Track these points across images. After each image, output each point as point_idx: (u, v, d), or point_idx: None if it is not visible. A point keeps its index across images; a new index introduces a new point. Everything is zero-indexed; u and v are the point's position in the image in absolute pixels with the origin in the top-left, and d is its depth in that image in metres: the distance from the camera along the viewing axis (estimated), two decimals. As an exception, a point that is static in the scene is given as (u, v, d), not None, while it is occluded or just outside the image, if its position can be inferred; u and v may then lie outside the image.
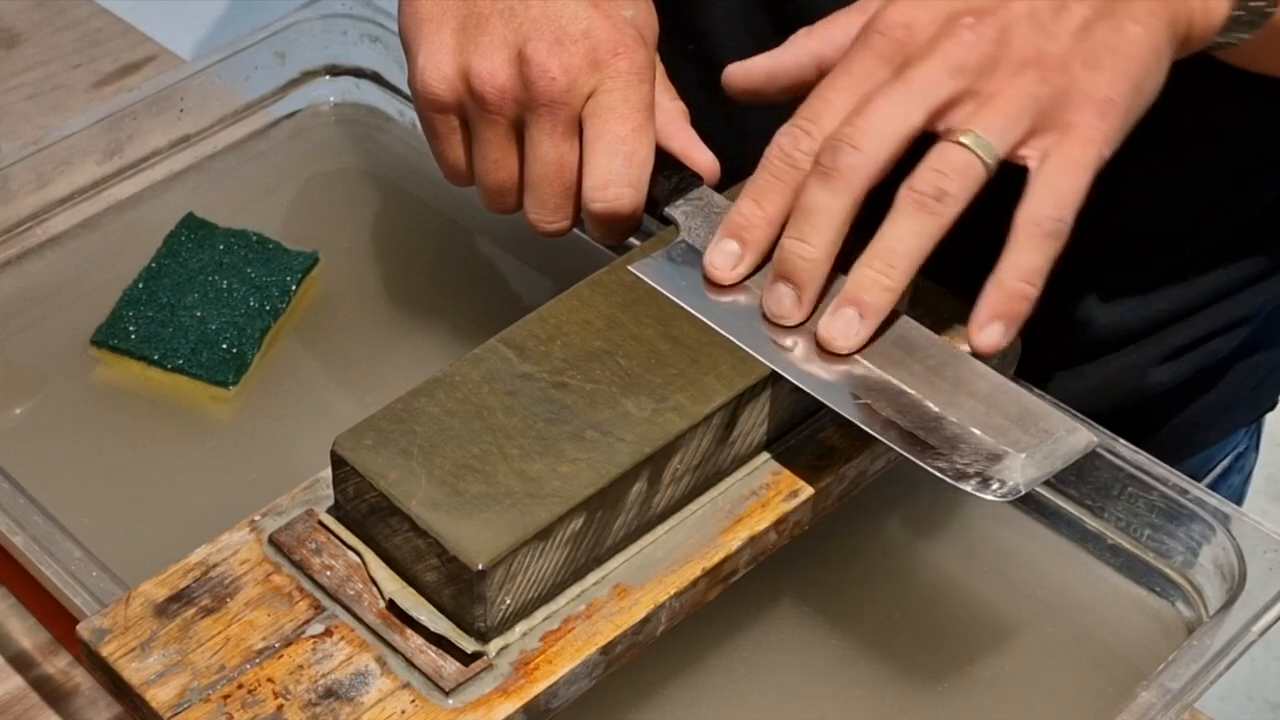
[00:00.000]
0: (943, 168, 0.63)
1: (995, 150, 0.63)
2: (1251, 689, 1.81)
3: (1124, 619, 0.76)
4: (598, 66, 0.70)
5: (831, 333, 0.66)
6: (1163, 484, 0.74)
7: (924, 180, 0.63)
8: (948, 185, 0.63)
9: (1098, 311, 0.85)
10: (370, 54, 0.97)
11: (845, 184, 0.64)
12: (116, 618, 0.63)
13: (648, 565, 0.65)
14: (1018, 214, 0.64)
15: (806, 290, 0.66)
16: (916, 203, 0.63)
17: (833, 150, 0.64)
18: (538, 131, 0.71)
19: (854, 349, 0.66)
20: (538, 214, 0.73)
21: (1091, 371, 0.87)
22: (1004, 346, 0.65)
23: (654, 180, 0.73)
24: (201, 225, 0.89)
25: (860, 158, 0.64)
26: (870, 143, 0.64)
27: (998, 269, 0.64)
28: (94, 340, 0.84)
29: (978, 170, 0.63)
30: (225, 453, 0.81)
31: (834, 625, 0.75)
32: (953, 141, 0.64)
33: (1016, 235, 0.64)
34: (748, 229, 0.67)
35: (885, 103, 0.64)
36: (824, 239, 0.65)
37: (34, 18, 1.11)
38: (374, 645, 0.62)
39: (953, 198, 0.63)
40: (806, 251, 0.65)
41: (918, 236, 0.64)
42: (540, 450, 0.63)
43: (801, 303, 0.66)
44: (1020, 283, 0.64)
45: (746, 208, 0.67)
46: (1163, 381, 0.88)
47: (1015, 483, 0.62)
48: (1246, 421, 0.97)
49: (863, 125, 0.64)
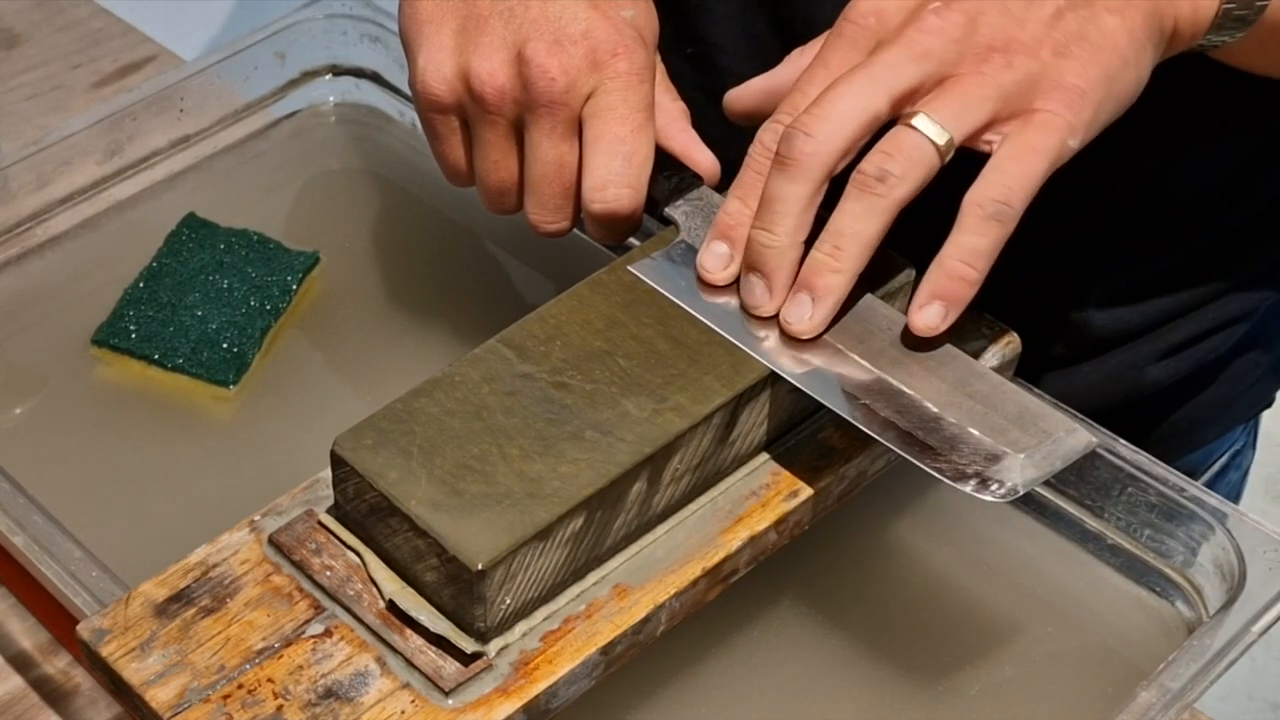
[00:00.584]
0: (889, 149, 0.64)
1: (949, 133, 0.64)
2: (1251, 689, 1.81)
3: (1124, 619, 0.76)
4: (597, 67, 0.70)
5: (788, 317, 0.66)
6: (1162, 484, 0.74)
7: (869, 162, 0.64)
8: (891, 166, 0.63)
9: (1096, 309, 0.85)
10: (370, 54, 0.97)
11: (801, 171, 0.64)
12: (116, 618, 0.63)
13: (648, 565, 0.65)
14: (965, 196, 0.64)
15: (775, 279, 0.67)
16: (860, 184, 0.64)
17: (788, 138, 0.65)
18: (537, 132, 0.71)
19: (811, 333, 0.66)
20: (538, 214, 0.73)
21: (1090, 369, 0.87)
22: (942, 328, 0.65)
23: (654, 180, 0.73)
24: (203, 225, 0.89)
25: (814, 144, 0.64)
26: (824, 129, 0.64)
27: (941, 250, 0.64)
28: (95, 340, 0.84)
29: (926, 152, 0.64)
30: (225, 452, 0.81)
31: (834, 625, 0.75)
32: (904, 124, 0.64)
33: (961, 217, 0.64)
34: (735, 228, 0.68)
35: (845, 89, 0.64)
36: (786, 227, 0.65)
37: (34, 18, 1.11)
38: (374, 645, 0.62)
39: (897, 179, 0.63)
40: (770, 240, 0.66)
41: (863, 218, 0.64)
42: (540, 450, 0.63)
43: (772, 292, 0.67)
44: (960, 264, 0.64)
45: (733, 207, 0.68)
46: (1161, 379, 0.88)
47: (1014, 483, 0.62)
48: (1244, 419, 0.98)
49: (818, 113, 0.64)
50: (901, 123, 0.64)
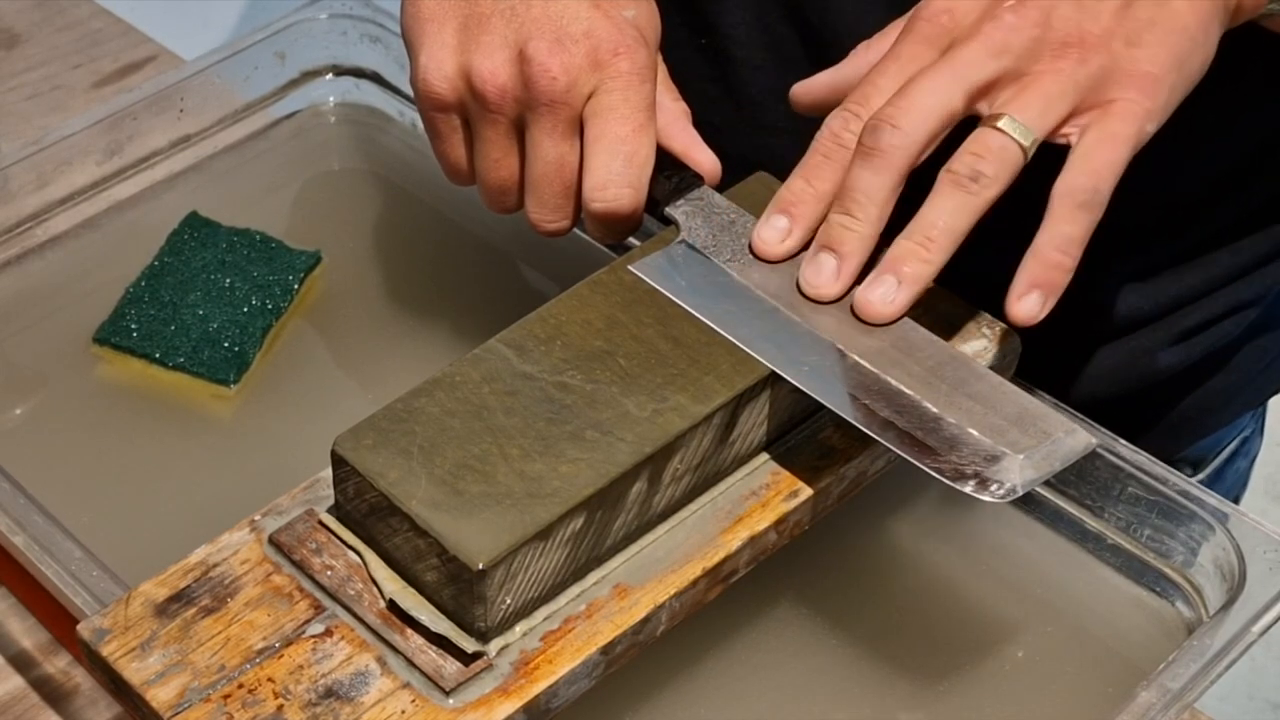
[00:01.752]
0: (979, 150, 0.65)
1: (1032, 133, 0.65)
2: (1251, 689, 1.81)
3: (1124, 619, 0.76)
4: (599, 66, 0.70)
5: (870, 297, 0.67)
6: (1162, 484, 0.74)
7: (961, 163, 0.65)
8: (984, 168, 0.65)
9: (1108, 295, 0.86)
10: (370, 54, 0.97)
11: (886, 162, 0.66)
12: (116, 618, 0.63)
13: (648, 565, 0.65)
14: (1055, 186, 0.65)
15: (848, 261, 0.67)
16: (954, 183, 0.65)
17: (874, 130, 0.66)
18: (538, 131, 0.71)
19: (892, 317, 0.67)
20: (538, 213, 0.73)
21: (1103, 356, 0.88)
22: (1041, 316, 0.66)
23: (654, 180, 0.73)
24: (205, 224, 0.89)
25: (900, 136, 0.65)
26: (909, 121, 0.65)
27: (1035, 240, 0.66)
28: (96, 338, 0.85)
29: (1014, 153, 0.65)
30: (226, 452, 0.81)
31: (834, 625, 0.75)
32: (990, 126, 0.65)
33: (1052, 206, 0.65)
34: (796, 204, 0.69)
35: (927, 83, 0.66)
36: (869, 215, 0.67)
37: (34, 18, 1.11)
38: (374, 645, 0.62)
39: (989, 179, 0.65)
40: (852, 224, 0.67)
41: (954, 215, 0.65)
42: (540, 450, 0.63)
43: (840, 274, 0.68)
44: (1057, 253, 0.65)
45: (797, 185, 0.69)
46: (1172, 364, 0.88)
47: (1013, 484, 0.62)
48: (1254, 405, 0.98)
49: (903, 105, 0.65)
50: (987, 124, 0.65)
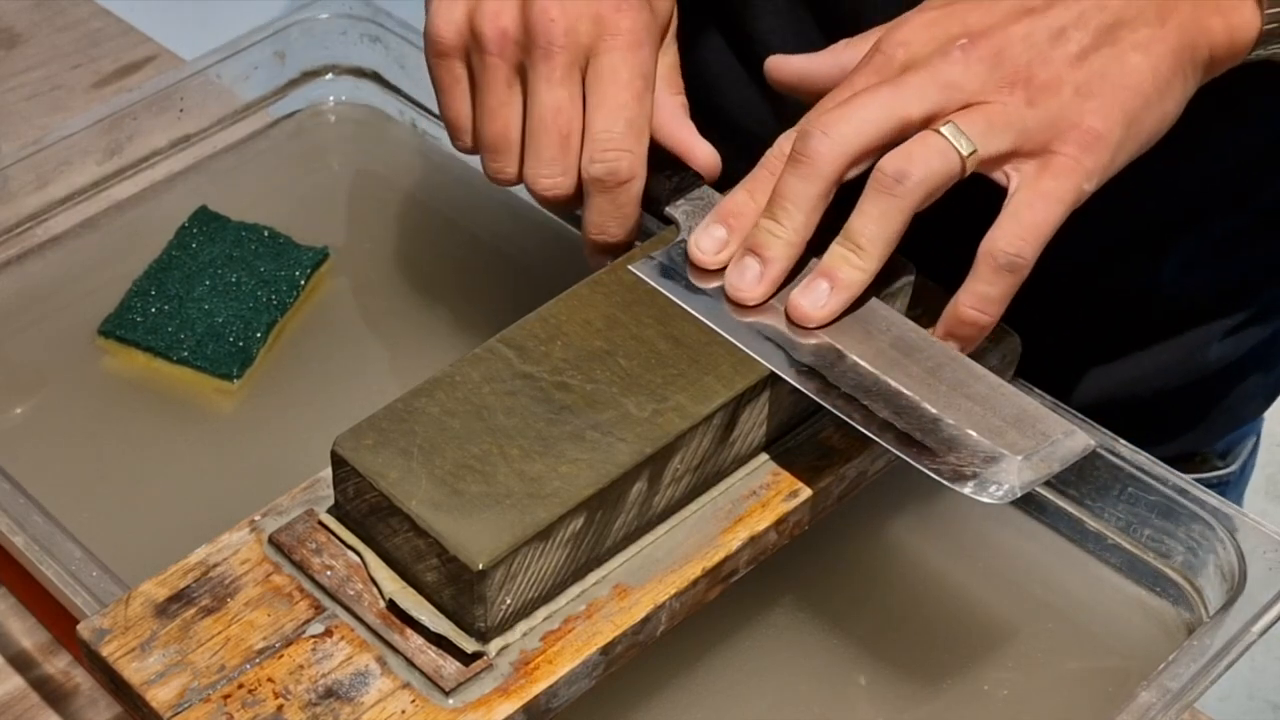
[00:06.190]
0: (911, 150, 0.65)
1: (974, 145, 0.64)
2: (1251, 689, 1.81)
3: (1124, 619, 0.76)
4: (599, 19, 0.71)
5: (801, 302, 0.67)
6: (1163, 484, 0.74)
7: (889, 161, 0.65)
8: (911, 168, 0.64)
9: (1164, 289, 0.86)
10: (370, 54, 0.98)
11: (813, 169, 0.65)
12: (116, 618, 0.63)
13: (648, 565, 0.65)
14: (982, 243, 0.65)
15: (772, 266, 0.67)
16: (878, 186, 0.65)
17: (804, 137, 0.66)
18: (536, 77, 0.71)
19: (822, 320, 0.67)
20: (534, 169, 0.73)
21: (1161, 349, 0.88)
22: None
23: (654, 180, 0.73)
24: (214, 218, 0.89)
25: (828, 144, 0.65)
26: (839, 131, 0.65)
27: (956, 294, 0.66)
28: (101, 330, 0.85)
29: (950, 160, 0.64)
30: (226, 449, 0.81)
31: (834, 625, 0.75)
32: (932, 130, 0.65)
33: (976, 264, 0.65)
34: (737, 216, 0.69)
35: (866, 98, 0.66)
36: (794, 222, 0.66)
37: (34, 18, 1.11)
38: (374, 645, 0.62)
39: (916, 182, 0.64)
40: (777, 230, 0.67)
41: (881, 220, 0.65)
42: (540, 450, 0.63)
43: (763, 279, 0.68)
44: (973, 310, 0.66)
45: (739, 197, 0.69)
46: (1224, 356, 0.89)
47: (1012, 485, 0.62)
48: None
49: (837, 115, 0.65)
50: (930, 129, 0.65)
